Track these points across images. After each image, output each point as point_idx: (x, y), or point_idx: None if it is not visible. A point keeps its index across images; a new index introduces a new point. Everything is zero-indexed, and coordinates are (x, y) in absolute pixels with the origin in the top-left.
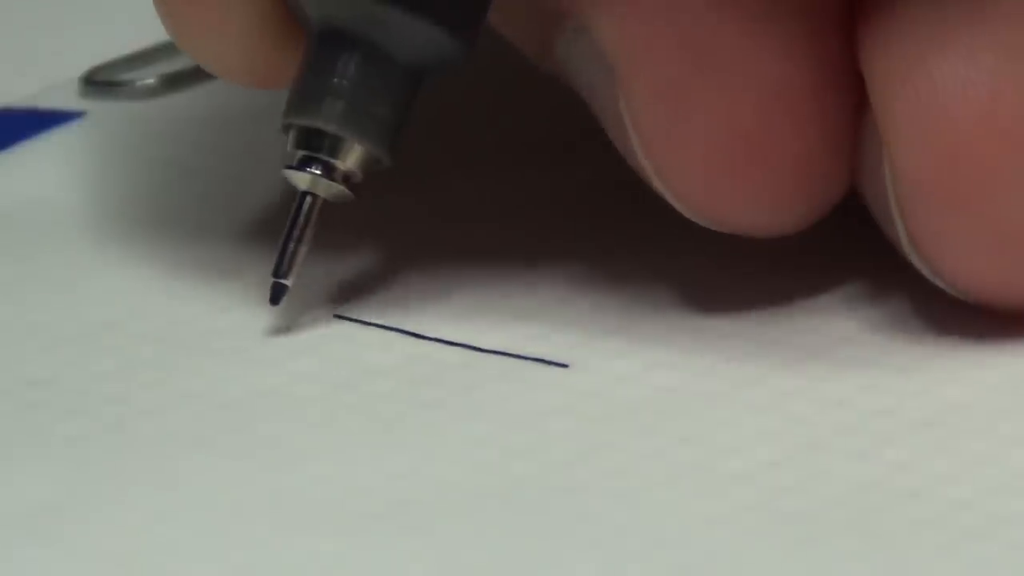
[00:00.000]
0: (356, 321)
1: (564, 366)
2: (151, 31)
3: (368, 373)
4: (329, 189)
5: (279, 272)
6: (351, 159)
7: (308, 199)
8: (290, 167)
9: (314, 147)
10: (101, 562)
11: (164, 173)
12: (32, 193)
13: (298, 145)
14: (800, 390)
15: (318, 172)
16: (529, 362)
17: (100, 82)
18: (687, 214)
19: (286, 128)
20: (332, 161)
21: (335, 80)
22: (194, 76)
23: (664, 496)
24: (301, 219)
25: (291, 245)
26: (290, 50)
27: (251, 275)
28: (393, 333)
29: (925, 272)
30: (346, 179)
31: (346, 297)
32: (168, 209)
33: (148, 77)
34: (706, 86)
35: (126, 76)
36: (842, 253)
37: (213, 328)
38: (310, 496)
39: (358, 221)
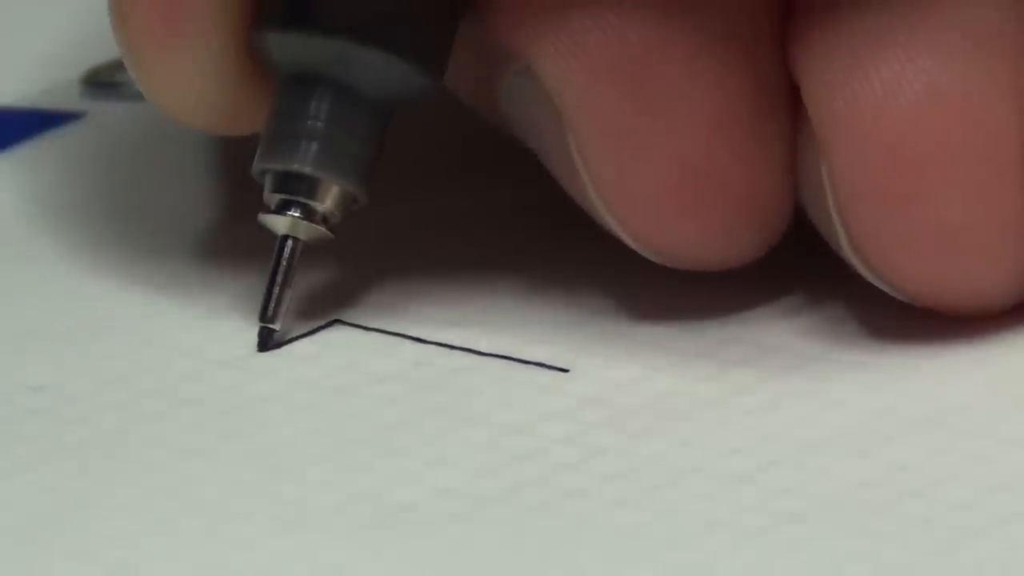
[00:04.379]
0: (357, 326)
1: (565, 371)
2: None
3: (369, 378)
4: (309, 231)
5: (266, 317)
6: (329, 199)
7: (289, 243)
8: (269, 212)
9: (291, 190)
10: (100, 569)
11: (164, 173)
12: (32, 193)
13: (275, 189)
14: (799, 391)
15: (298, 215)
16: (530, 366)
17: (100, 82)
18: (640, 251)
19: (260, 174)
20: (311, 203)
21: (308, 122)
22: None
23: (665, 498)
24: (283, 263)
25: (275, 289)
26: (258, 96)
27: (252, 278)
28: (394, 338)
29: (864, 274)
30: (325, 220)
31: (347, 302)
32: (168, 210)
33: None
34: (652, 125)
35: (126, 76)
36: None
37: (214, 333)
38: (311, 502)
39: (359, 227)
